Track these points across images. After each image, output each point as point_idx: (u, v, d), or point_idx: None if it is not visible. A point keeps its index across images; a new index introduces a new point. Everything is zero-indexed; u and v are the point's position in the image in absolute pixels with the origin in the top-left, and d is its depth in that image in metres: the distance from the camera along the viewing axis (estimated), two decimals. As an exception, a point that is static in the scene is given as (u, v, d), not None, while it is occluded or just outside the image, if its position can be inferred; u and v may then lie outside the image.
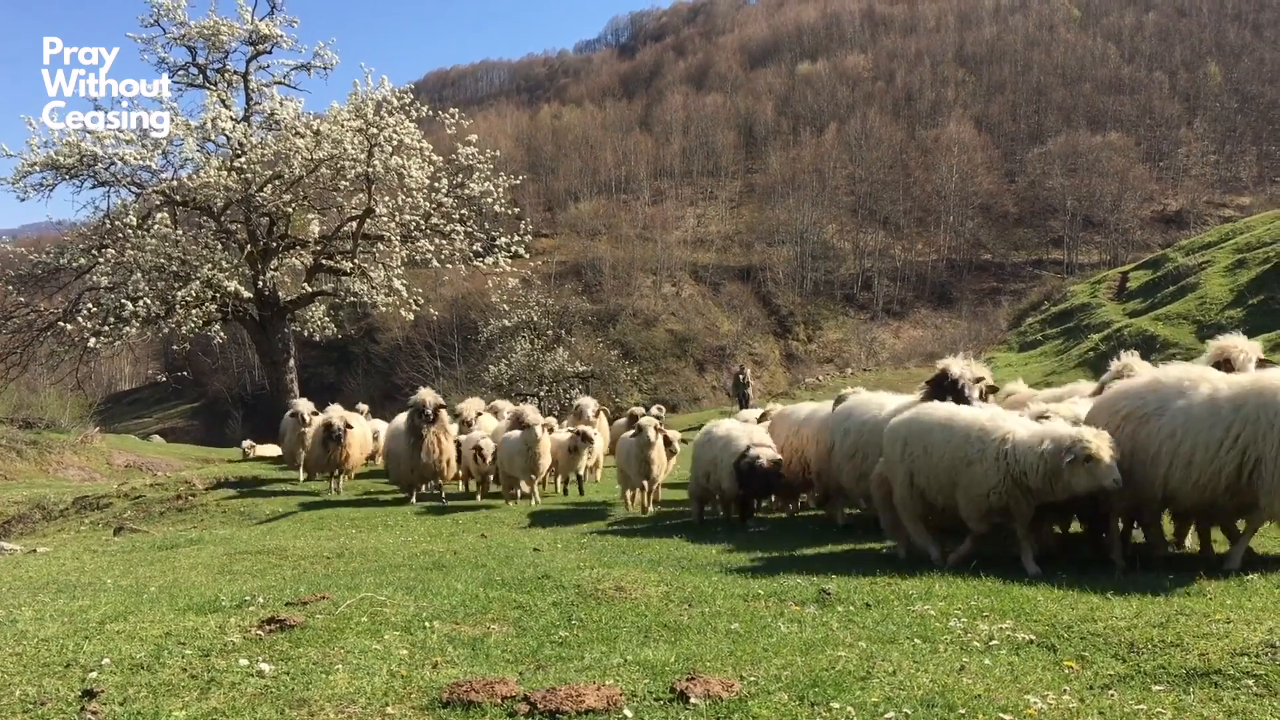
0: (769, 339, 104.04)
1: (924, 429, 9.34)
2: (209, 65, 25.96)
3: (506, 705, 4.59)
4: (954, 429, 9.04)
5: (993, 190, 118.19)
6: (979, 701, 4.54)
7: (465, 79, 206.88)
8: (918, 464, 9.30)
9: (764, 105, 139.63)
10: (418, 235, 26.15)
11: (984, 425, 8.82)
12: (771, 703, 4.59)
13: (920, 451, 9.28)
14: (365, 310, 36.10)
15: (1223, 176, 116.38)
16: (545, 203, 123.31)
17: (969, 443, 8.77)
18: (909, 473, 9.39)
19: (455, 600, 7.18)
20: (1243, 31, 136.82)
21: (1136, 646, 5.55)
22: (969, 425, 8.91)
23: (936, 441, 9.11)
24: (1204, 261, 45.85)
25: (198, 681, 5.03)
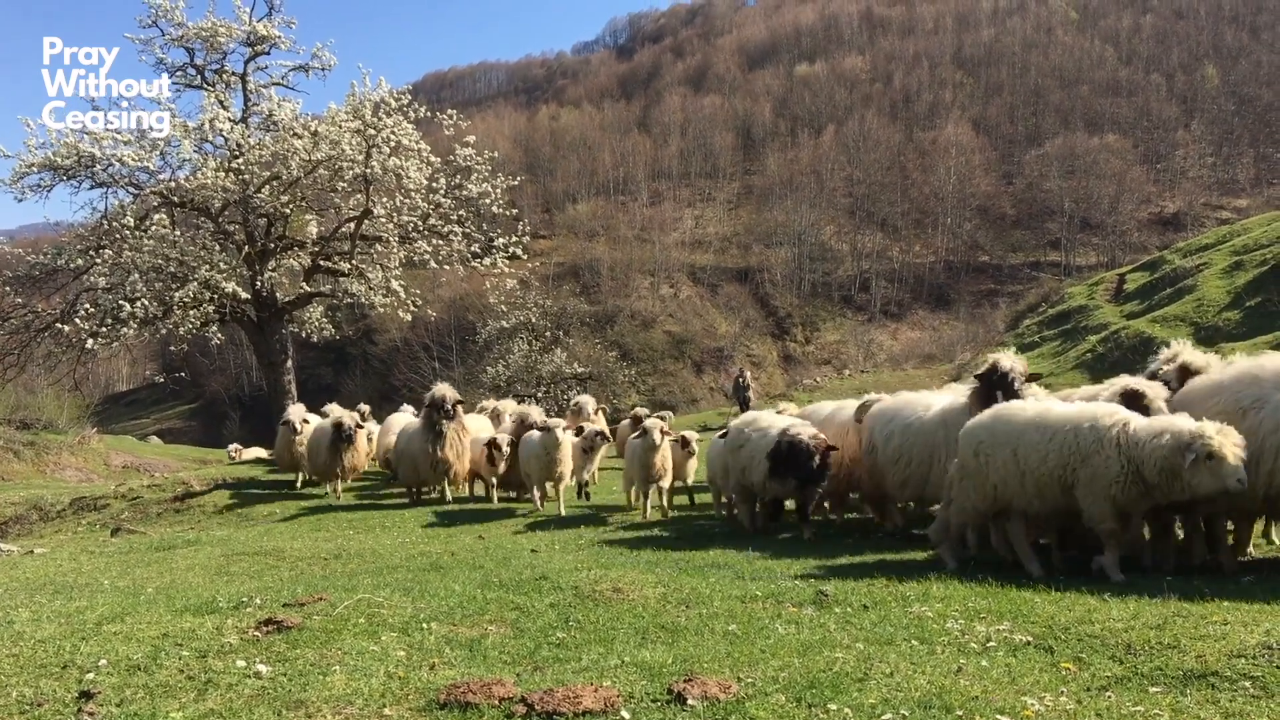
0: (766, 340, 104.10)
1: (1013, 431, 8.57)
2: (207, 66, 25.92)
3: (504, 706, 4.59)
4: (1053, 425, 8.30)
5: (990, 192, 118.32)
6: (976, 703, 4.54)
7: (463, 80, 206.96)
8: (1004, 471, 8.53)
9: (762, 107, 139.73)
10: (415, 236, 26.12)
11: (1095, 414, 8.14)
12: (769, 704, 4.60)
13: (1008, 456, 8.50)
14: (363, 311, 36.09)
15: (1220, 179, 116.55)
16: (543, 204, 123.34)
17: (1080, 435, 8.05)
18: (992, 482, 8.66)
19: (453, 601, 7.18)
20: (1240, 34, 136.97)
21: (1134, 648, 5.55)
22: (1075, 418, 8.21)
23: (1032, 443, 8.34)
24: (1201, 264, 45.89)
25: (195, 683, 5.03)
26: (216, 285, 23.24)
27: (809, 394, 50.70)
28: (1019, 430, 8.49)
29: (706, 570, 9.20)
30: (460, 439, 17.18)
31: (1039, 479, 8.26)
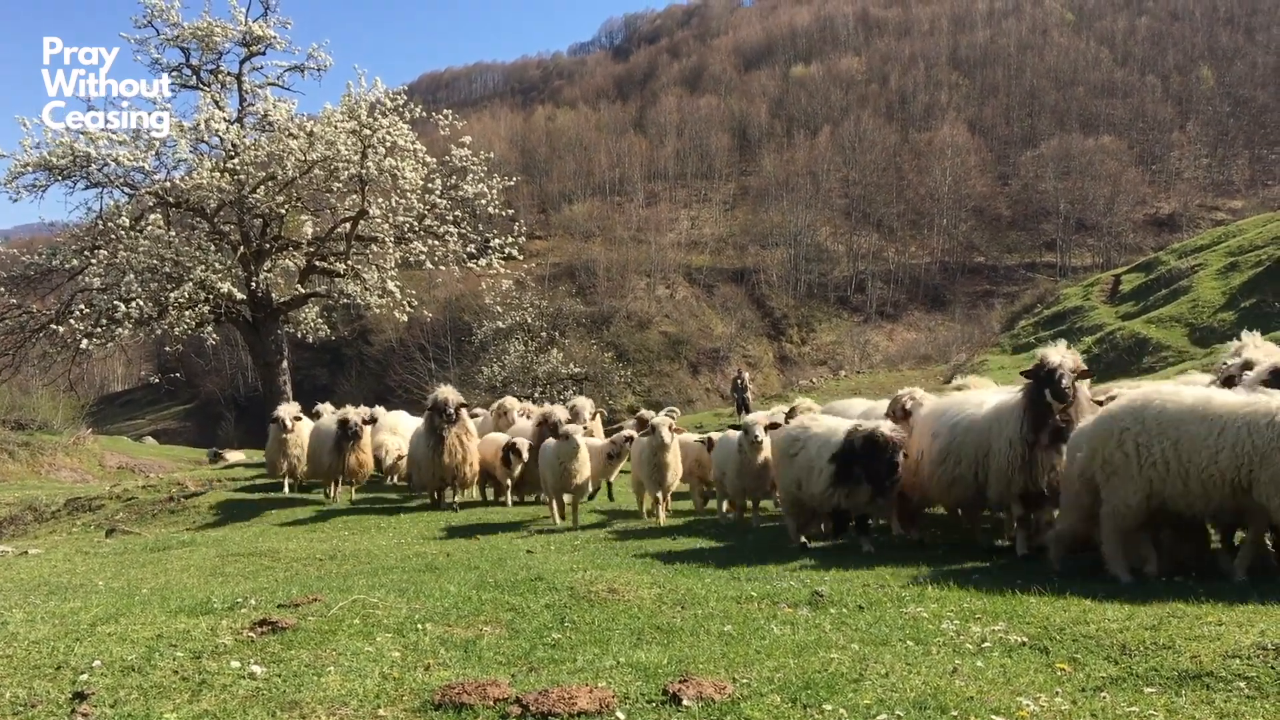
0: (762, 341, 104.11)
1: (1171, 419, 7.50)
2: (203, 66, 25.90)
3: (499, 707, 4.59)
4: (1221, 415, 7.27)
5: (986, 193, 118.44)
6: (971, 703, 4.54)
7: (459, 81, 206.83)
8: (1165, 466, 7.45)
9: (758, 107, 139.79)
10: (411, 237, 26.12)
11: (1271, 407, 7.10)
12: (764, 705, 4.60)
13: (1168, 448, 7.44)
14: (358, 312, 36.06)
15: (1215, 180, 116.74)
16: (539, 204, 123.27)
17: (1255, 431, 7.02)
18: (1147, 479, 7.57)
19: (448, 602, 7.17)
20: (1235, 35, 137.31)
21: (1129, 649, 5.56)
22: (1250, 407, 7.20)
23: (1195, 435, 7.31)
24: (1196, 264, 45.99)
25: (189, 683, 5.02)
26: (212, 286, 23.23)
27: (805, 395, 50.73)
28: (1177, 419, 7.47)
29: (702, 571, 9.20)
30: (463, 443, 16.37)
31: (1206, 479, 7.26)
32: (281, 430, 20.00)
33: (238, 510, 18.27)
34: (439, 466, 16.26)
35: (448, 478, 16.52)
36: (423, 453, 16.57)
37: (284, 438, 20.04)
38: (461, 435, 16.36)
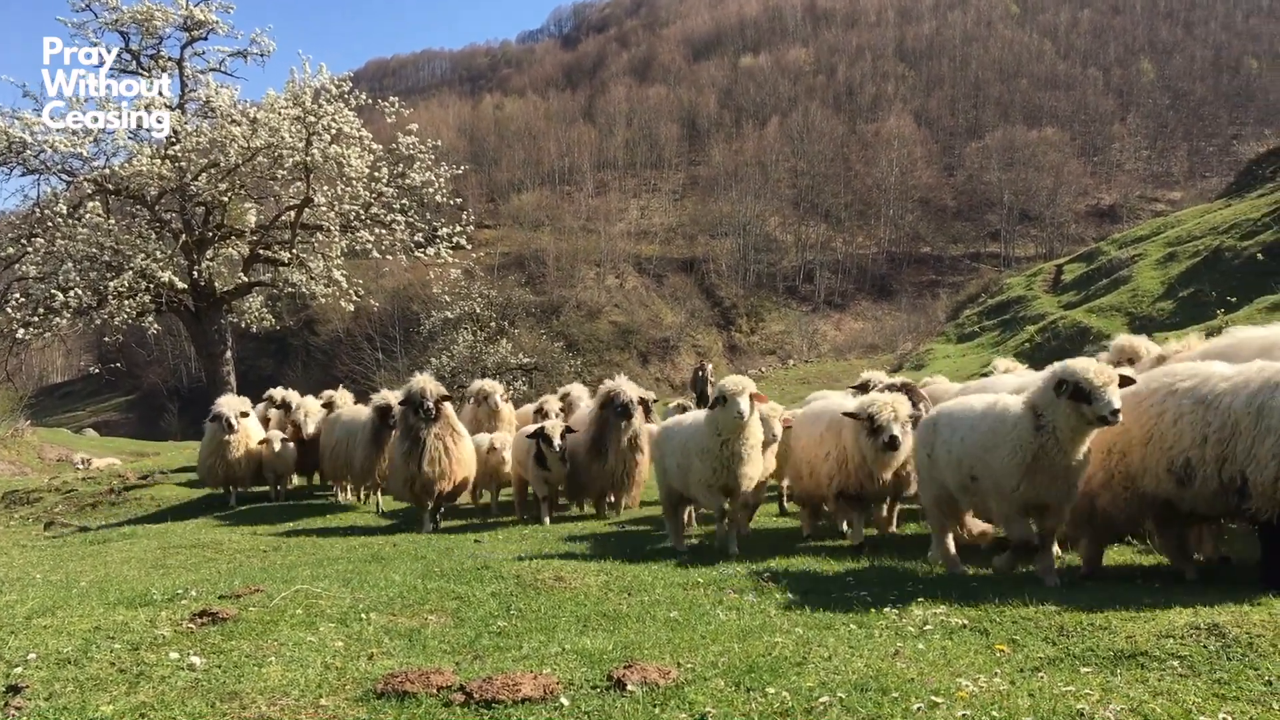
0: (712, 331, 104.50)
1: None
2: (143, 51, 25.42)
3: (442, 695, 4.57)
4: None
5: (932, 184, 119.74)
6: (912, 685, 4.60)
7: (406, 68, 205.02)
8: None
9: (707, 98, 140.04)
10: (357, 225, 25.84)
11: None
12: (708, 689, 4.62)
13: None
14: (304, 301, 35.61)
15: (1154, 171, 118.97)
16: (488, 193, 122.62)
17: None
18: None
19: (393, 592, 7.13)
20: (1175, 29, 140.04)
21: (1066, 630, 5.65)
22: None
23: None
24: (1136, 255, 46.75)
25: (126, 676, 4.95)
26: (152, 275, 22.84)
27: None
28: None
29: (650, 559, 9.22)
30: (450, 447, 13.28)
31: None
32: (223, 431, 16.71)
33: (181, 502, 18.04)
34: (418, 477, 13.15)
35: (429, 491, 13.28)
36: (396, 461, 13.70)
37: (226, 440, 16.74)
38: (446, 437, 13.31)
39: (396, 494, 14.14)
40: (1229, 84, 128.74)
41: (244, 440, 17.04)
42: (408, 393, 13.36)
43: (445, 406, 13.40)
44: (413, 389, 13.28)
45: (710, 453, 9.45)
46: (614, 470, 13.26)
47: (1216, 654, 4.88)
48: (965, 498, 7.94)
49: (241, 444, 16.99)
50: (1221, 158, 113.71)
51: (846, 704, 4.35)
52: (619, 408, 13.03)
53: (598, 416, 13.29)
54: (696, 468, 9.66)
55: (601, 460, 13.20)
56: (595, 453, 13.25)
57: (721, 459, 9.37)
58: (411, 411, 13.28)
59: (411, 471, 13.18)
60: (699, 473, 9.62)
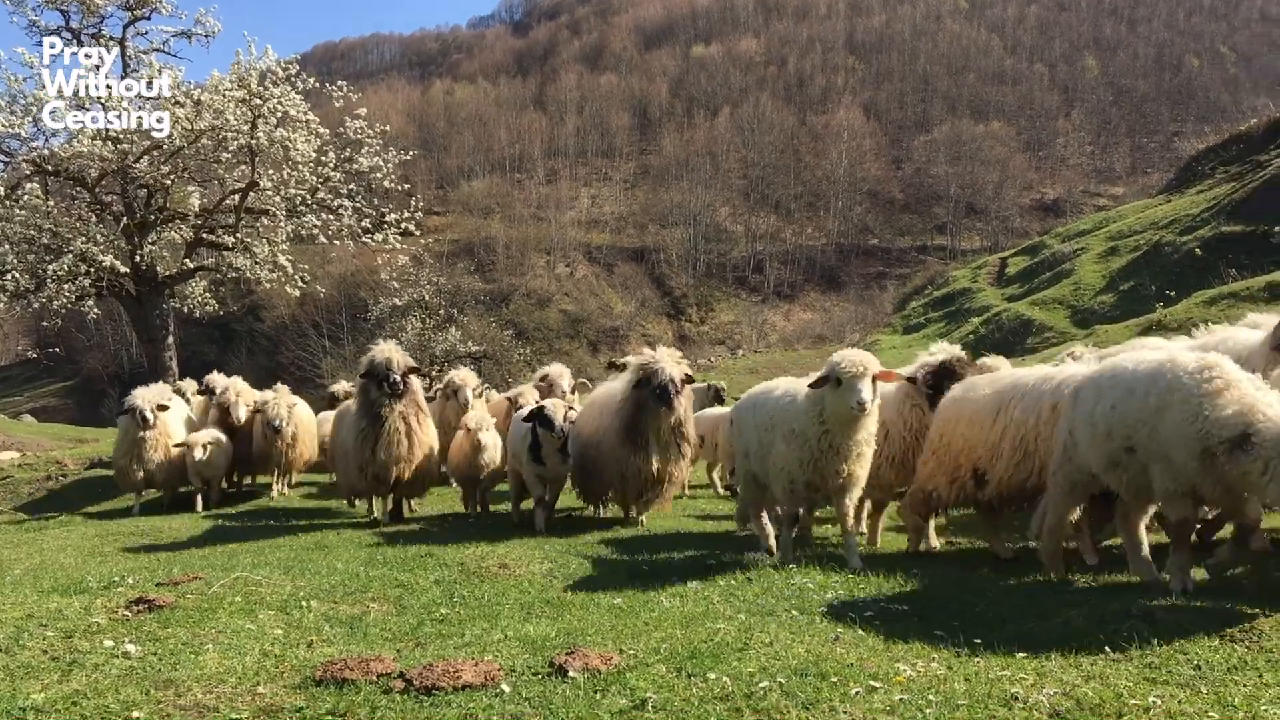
0: (662, 320, 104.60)
1: None
2: (83, 30, 24.88)
3: (381, 682, 4.54)
4: None
5: (880, 176, 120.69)
6: (851, 670, 4.64)
7: (355, 52, 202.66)
8: None
9: (658, 87, 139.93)
10: (304, 210, 25.51)
11: None
12: (649, 674, 4.63)
13: None
14: (249, 287, 35.22)
15: (1098, 167, 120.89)
16: (437, 180, 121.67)
17: None
18: None
19: (335, 579, 7.08)
20: (1119, 26, 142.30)
21: (1004, 616, 5.75)
22: None
23: None
24: (1079, 248, 47.52)
25: (59, 664, 4.87)
26: (93, 258, 22.42)
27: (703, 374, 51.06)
28: None
29: (596, 547, 9.23)
30: (414, 429, 11.65)
31: None
32: (138, 425, 14.61)
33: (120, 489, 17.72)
34: (375, 464, 11.50)
35: (384, 479, 11.67)
36: (349, 442, 11.88)
37: (141, 437, 14.64)
38: (410, 417, 11.66)
39: (349, 485, 12.61)
40: (1171, 81, 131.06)
41: (163, 438, 14.85)
42: (370, 363, 11.50)
43: (413, 381, 11.75)
44: (376, 359, 11.44)
45: (803, 438, 7.61)
46: (653, 466, 10.69)
47: (1148, 639, 4.98)
48: None
49: (160, 442, 14.78)
50: (1163, 154, 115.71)
51: (786, 689, 4.38)
52: (657, 391, 10.28)
53: (632, 398, 10.63)
54: (780, 454, 7.84)
55: (639, 453, 10.60)
56: (630, 444, 10.63)
57: (816, 450, 7.55)
58: (374, 385, 11.44)
59: (365, 456, 11.45)
60: (781, 460, 7.84)
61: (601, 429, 11.14)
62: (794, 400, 7.86)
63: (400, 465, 11.52)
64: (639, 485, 10.78)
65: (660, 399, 10.25)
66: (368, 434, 11.43)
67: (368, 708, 4.24)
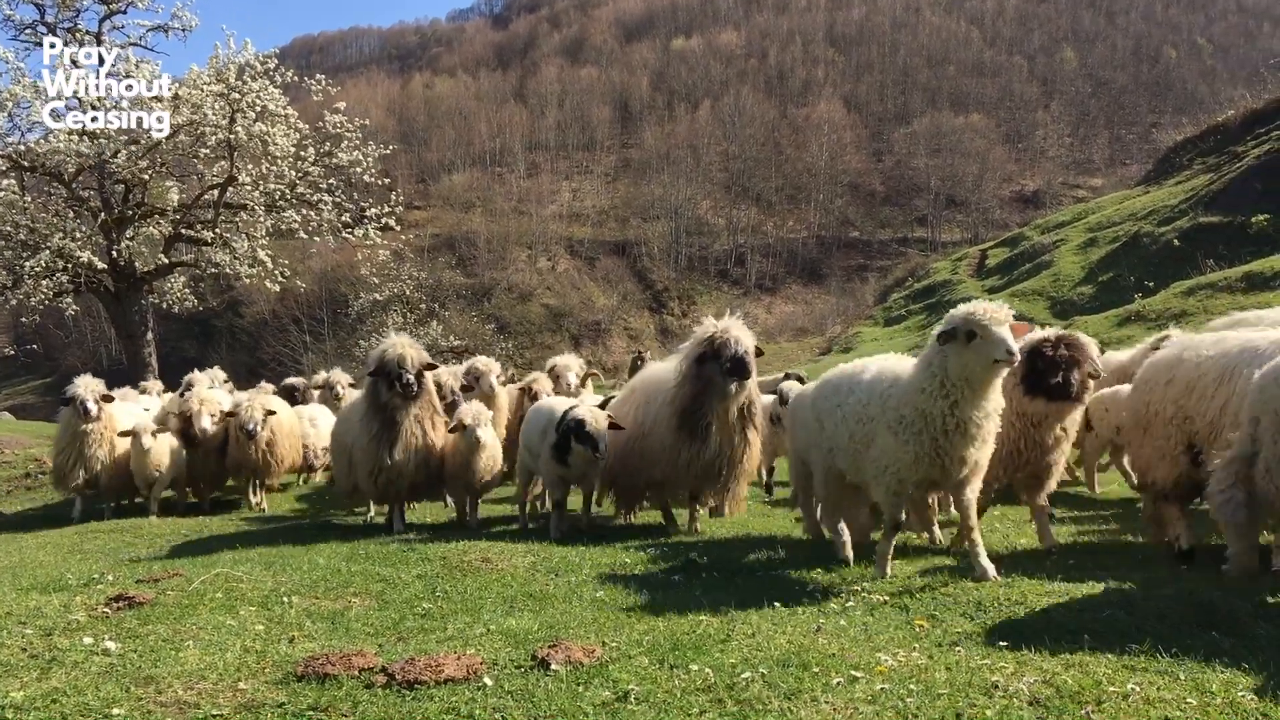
0: (644, 314, 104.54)
1: None
2: (59, 24, 24.74)
3: (364, 677, 4.53)
4: None
5: (861, 169, 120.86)
6: (833, 660, 4.66)
7: (334, 45, 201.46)
8: None
9: (639, 80, 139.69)
10: (283, 205, 25.46)
11: None
12: (631, 666, 4.64)
13: None
14: (228, 283, 35.04)
15: (1077, 158, 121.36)
16: (418, 174, 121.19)
17: None
18: None
19: (316, 575, 7.06)
20: (1097, 18, 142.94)
21: (984, 605, 5.78)
22: None
23: None
24: (1058, 240, 47.63)
25: (38, 661, 4.84)
26: (70, 254, 22.34)
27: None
28: None
29: (579, 540, 9.22)
30: (429, 432, 10.83)
31: None
32: (79, 417, 13.16)
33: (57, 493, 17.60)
34: (387, 469, 10.61)
35: (397, 487, 10.89)
36: (360, 445, 10.90)
37: (83, 430, 13.18)
38: (426, 419, 10.85)
39: (360, 487, 11.31)
40: (1149, 73, 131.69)
41: (109, 433, 13.41)
42: (380, 360, 10.52)
43: (428, 380, 10.84)
44: (387, 356, 10.47)
45: (921, 423, 6.30)
46: (716, 459, 9.16)
47: (1127, 627, 5.02)
48: None
49: (105, 437, 13.34)
50: (1141, 145, 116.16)
51: (769, 679, 4.40)
52: (730, 365, 8.82)
53: (693, 376, 9.07)
54: (887, 449, 6.52)
55: (697, 444, 9.07)
56: (689, 432, 9.10)
57: (939, 432, 6.24)
58: (385, 385, 10.51)
59: (381, 461, 10.52)
60: (889, 457, 6.52)
61: (648, 419, 9.69)
62: (897, 382, 6.63)
63: (416, 473, 10.75)
64: (702, 480, 9.33)
65: (734, 373, 8.78)
66: (380, 439, 10.54)
67: (349, 703, 4.23)
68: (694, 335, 9.21)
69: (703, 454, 9.06)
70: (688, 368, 9.10)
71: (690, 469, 9.15)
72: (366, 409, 10.78)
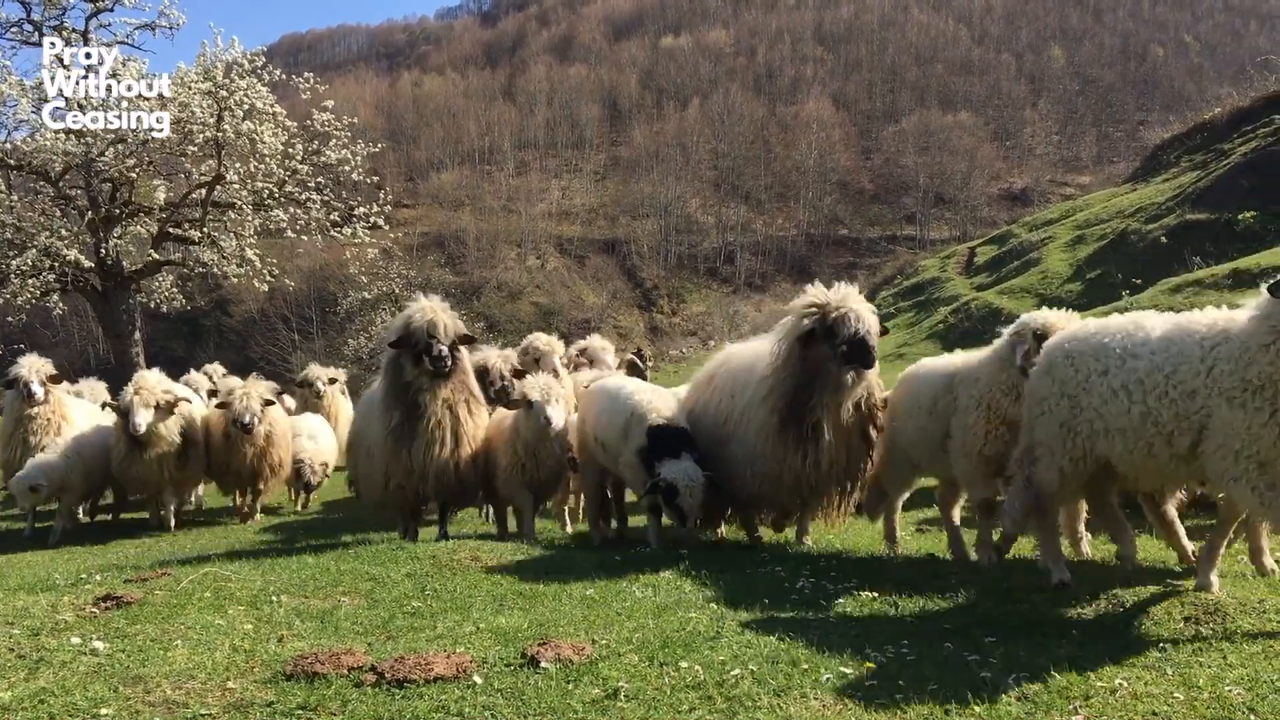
0: (634, 312, 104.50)
1: None
2: (45, 22, 24.63)
3: (353, 676, 4.53)
4: None
5: (850, 167, 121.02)
6: (822, 657, 4.67)
7: (321, 43, 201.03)
8: None
9: (628, 78, 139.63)
10: (271, 204, 25.38)
11: None
12: (621, 664, 4.64)
13: None
14: (216, 281, 34.94)
15: (1064, 156, 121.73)
16: (406, 172, 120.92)
17: None
18: None
19: (305, 574, 7.03)
20: (1085, 16, 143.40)
21: (973, 602, 5.80)
22: None
23: None
24: (1046, 238, 47.80)
25: (25, 661, 4.81)
26: (57, 253, 22.24)
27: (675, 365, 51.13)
28: None
29: (569, 540, 9.23)
30: (464, 420, 8.84)
31: None
32: (24, 401, 11.93)
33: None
34: (412, 470, 8.76)
35: (420, 494, 9.05)
36: (381, 442, 9.01)
37: (28, 414, 11.96)
38: (459, 406, 8.84)
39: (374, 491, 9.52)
40: (1136, 71, 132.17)
41: (56, 418, 12.15)
42: (405, 328, 8.61)
43: (463, 356, 8.88)
44: (415, 322, 8.55)
45: None
46: (829, 472, 7.47)
47: (1115, 622, 5.04)
48: None
49: (54, 424, 12.07)
50: (1128, 143, 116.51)
51: (758, 676, 4.41)
52: (849, 346, 7.02)
53: (798, 361, 7.29)
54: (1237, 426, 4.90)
55: (803, 451, 7.31)
56: (793, 435, 7.33)
57: None
58: (410, 359, 8.59)
59: (401, 461, 8.69)
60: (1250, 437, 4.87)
61: (734, 417, 7.95)
62: (1227, 336, 5.07)
63: (446, 475, 8.69)
64: (809, 497, 7.65)
65: (854, 358, 6.95)
66: (401, 431, 8.62)
67: (339, 701, 4.23)
68: (795, 306, 7.37)
69: (814, 464, 7.24)
70: (788, 349, 7.24)
71: (797, 485, 7.34)
72: (385, 393, 8.87)
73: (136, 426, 10.79)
